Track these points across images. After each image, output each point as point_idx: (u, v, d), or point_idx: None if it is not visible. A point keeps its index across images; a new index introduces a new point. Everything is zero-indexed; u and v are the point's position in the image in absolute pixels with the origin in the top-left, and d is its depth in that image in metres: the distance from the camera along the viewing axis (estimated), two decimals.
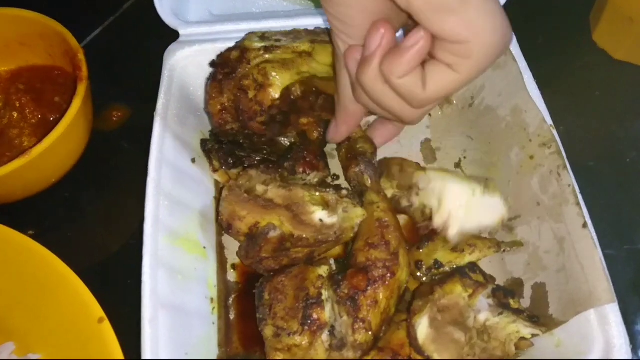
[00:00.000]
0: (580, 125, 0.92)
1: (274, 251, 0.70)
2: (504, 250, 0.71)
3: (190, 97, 0.80)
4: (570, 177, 0.68)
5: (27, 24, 0.81)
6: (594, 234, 0.64)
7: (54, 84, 0.83)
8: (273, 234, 0.68)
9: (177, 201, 0.70)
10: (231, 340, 0.70)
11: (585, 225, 0.64)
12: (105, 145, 0.84)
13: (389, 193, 0.78)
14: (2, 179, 0.68)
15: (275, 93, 0.72)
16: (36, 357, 0.65)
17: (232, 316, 0.72)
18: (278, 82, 0.72)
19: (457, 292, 0.63)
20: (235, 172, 0.75)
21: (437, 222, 0.71)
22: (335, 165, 0.81)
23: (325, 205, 0.70)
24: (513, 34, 0.78)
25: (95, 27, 0.99)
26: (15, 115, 0.81)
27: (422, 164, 0.83)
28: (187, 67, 0.79)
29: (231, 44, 0.79)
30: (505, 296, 0.64)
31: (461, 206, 0.69)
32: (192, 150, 0.77)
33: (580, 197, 0.67)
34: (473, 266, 0.68)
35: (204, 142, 0.76)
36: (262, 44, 0.74)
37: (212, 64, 0.76)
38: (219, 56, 0.76)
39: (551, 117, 0.88)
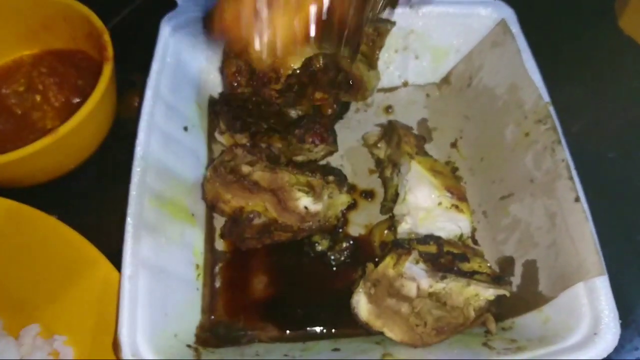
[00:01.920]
0: (605, 114, 0.92)
1: (257, 233, 0.70)
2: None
3: (186, 67, 0.80)
4: (564, 152, 0.67)
5: (50, 7, 0.80)
6: (586, 208, 0.62)
7: (77, 68, 0.83)
8: (257, 221, 0.68)
9: (165, 167, 0.70)
10: (215, 308, 0.70)
11: (577, 199, 0.63)
12: (127, 131, 0.82)
13: (381, 154, 0.77)
14: (29, 158, 0.67)
15: (293, 62, 0.71)
16: (62, 339, 0.64)
17: (217, 284, 0.71)
18: (298, 52, 0.71)
19: (385, 263, 0.61)
20: (241, 136, 0.74)
21: (397, 211, 0.70)
22: (340, 146, 0.80)
23: (311, 190, 0.69)
24: (512, 11, 0.79)
25: (117, 13, 1.00)
26: (39, 99, 0.80)
27: None
28: (183, 36, 0.79)
29: None
30: (454, 260, 0.62)
31: (422, 209, 0.68)
32: (185, 118, 0.77)
33: (574, 171, 0.65)
34: (427, 237, 0.66)
35: (212, 103, 0.76)
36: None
37: None
38: None
39: (575, 104, 0.89)
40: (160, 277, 0.63)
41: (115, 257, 0.65)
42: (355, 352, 0.62)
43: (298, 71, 0.70)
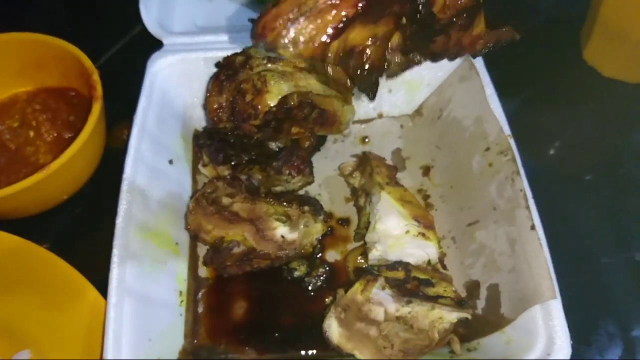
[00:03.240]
0: (575, 140, 0.97)
1: (237, 261, 0.74)
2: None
3: (171, 103, 0.85)
4: (522, 182, 0.71)
5: (43, 47, 0.85)
6: (541, 235, 0.66)
7: (68, 104, 0.88)
8: (237, 250, 0.73)
9: (151, 198, 0.75)
10: (198, 332, 0.73)
11: (532, 227, 0.67)
12: (117, 162, 0.83)
13: (356, 183, 0.82)
14: (22, 192, 0.71)
15: (271, 100, 0.75)
16: None
17: (200, 309, 0.75)
18: (275, 91, 0.76)
19: (353, 289, 0.65)
20: (223, 168, 0.79)
21: (368, 238, 0.75)
22: (318, 175, 0.85)
23: (288, 219, 0.74)
24: None
25: (106, 50, 1.05)
26: (32, 134, 0.85)
27: None
28: (169, 74, 0.84)
29: (212, 54, 0.84)
30: (419, 285, 0.66)
31: (391, 237, 0.72)
32: (170, 152, 0.82)
33: (531, 201, 0.70)
34: (395, 263, 0.70)
35: (196, 137, 0.81)
36: (267, 54, 0.78)
37: (217, 64, 0.81)
38: (224, 58, 0.80)
39: (545, 132, 0.95)
40: (144, 303, 0.67)
41: (103, 286, 0.68)
42: None
43: (274, 108, 0.75)
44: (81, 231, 0.85)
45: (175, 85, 0.85)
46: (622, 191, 0.91)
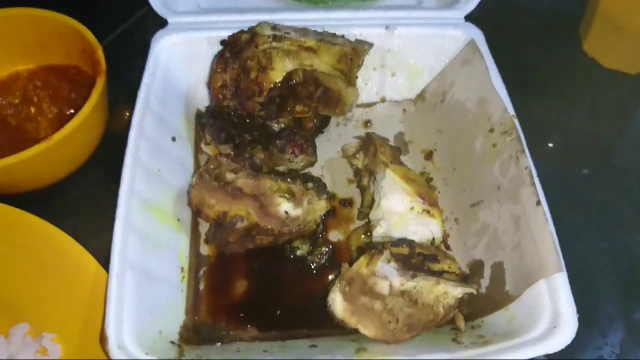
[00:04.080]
0: (574, 131, 0.98)
1: (240, 237, 0.73)
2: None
3: (175, 82, 0.84)
4: (527, 160, 0.71)
5: (46, 24, 0.85)
6: (546, 210, 0.66)
7: (70, 82, 0.87)
8: (240, 225, 0.72)
9: (153, 174, 0.74)
10: (199, 309, 0.73)
11: (538, 203, 0.67)
12: (117, 144, 0.82)
13: (359, 164, 0.82)
14: (22, 163, 0.70)
15: (276, 77, 0.75)
16: (50, 336, 0.67)
17: (201, 287, 0.74)
18: (280, 68, 0.76)
19: (359, 263, 0.65)
20: (225, 147, 0.78)
21: (372, 216, 0.74)
22: (321, 157, 0.85)
23: (292, 196, 0.73)
24: (481, 32, 0.84)
25: (109, 32, 1.04)
26: (33, 110, 0.85)
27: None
28: (172, 53, 0.84)
29: (216, 33, 0.84)
30: (424, 261, 0.66)
31: (395, 214, 0.72)
32: (173, 130, 0.81)
33: (536, 178, 0.70)
34: (400, 240, 0.69)
35: (199, 116, 0.81)
36: (272, 33, 0.78)
37: (222, 42, 0.81)
38: (230, 36, 0.80)
39: (543, 124, 0.95)
40: (146, 278, 0.66)
41: (105, 260, 0.67)
42: (332, 348, 0.65)
43: (279, 84, 0.75)
44: (82, 206, 0.84)
45: (179, 64, 0.85)
46: (619, 180, 0.92)
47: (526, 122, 0.78)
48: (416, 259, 0.66)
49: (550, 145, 0.97)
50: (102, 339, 0.58)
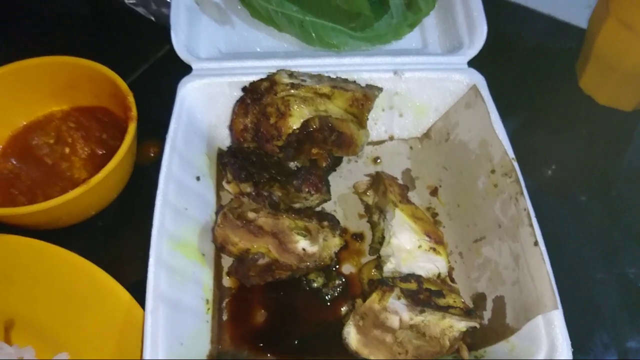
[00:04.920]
0: (571, 163, 1.04)
1: (261, 272, 0.79)
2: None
3: (198, 124, 0.91)
4: (526, 202, 0.77)
5: (76, 69, 0.91)
6: (544, 250, 0.72)
7: (100, 123, 0.94)
8: (261, 261, 0.78)
9: (180, 212, 0.80)
10: (223, 339, 0.78)
11: (536, 244, 0.73)
12: (143, 178, 0.90)
13: (369, 201, 0.88)
14: (63, 205, 0.77)
15: (293, 123, 0.83)
16: None
17: (224, 317, 0.80)
18: (297, 114, 0.83)
19: (371, 299, 0.71)
20: (245, 185, 0.85)
21: (382, 252, 0.80)
22: (333, 193, 0.90)
23: (308, 233, 0.79)
24: (482, 77, 0.91)
25: (132, 71, 1.11)
26: (67, 150, 0.91)
27: None
28: (196, 97, 0.90)
29: (237, 78, 0.91)
30: (431, 296, 0.72)
31: (404, 251, 0.78)
32: (196, 169, 0.87)
33: (534, 219, 0.76)
34: (408, 276, 0.75)
35: (221, 156, 0.87)
36: (290, 81, 0.86)
37: (244, 89, 0.88)
38: (250, 83, 0.87)
39: (542, 156, 1.02)
40: (176, 310, 0.72)
41: (131, 290, 0.74)
42: None
43: (297, 130, 0.81)
44: (108, 242, 0.90)
45: (202, 106, 0.91)
46: (614, 211, 0.97)
47: (522, 152, 0.84)
48: (424, 294, 0.72)
49: (547, 174, 1.03)
50: None
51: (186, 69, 0.93)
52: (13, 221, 0.80)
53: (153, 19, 1.12)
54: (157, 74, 1.12)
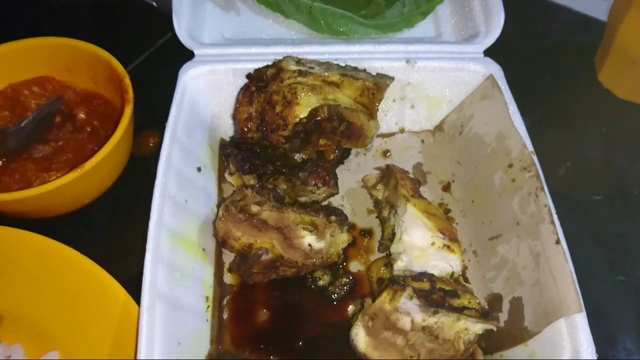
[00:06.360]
0: (588, 160, 1.00)
1: (264, 268, 0.75)
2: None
3: (200, 112, 0.87)
4: (546, 198, 0.73)
5: (73, 52, 0.88)
6: (566, 250, 0.68)
7: (94, 112, 0.90)
8: (265, 257, 0.74)
9: (180, 205, 0.76)
10: (223, 339, 0.74)
11: (558, 242, 0.69)
12: (140, 168, 0.89)
13: (379, 196, 0.84)
14: (54, 191, 0.73)
15: (300, 112, 0.78)
16: None
17: (225, 316, 0.76)
18: (305, 103, 0.78)
19: (382, 299, 0.66)
20: (249, 177, 0.80)
21: (393, 249, 0.76)
22: (341, 187, 0.86)
23: (315, 229, 0.75)
24: (499, 67, 0.86)
25: (133, 59, 1.07)
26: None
27: None
28: (198, 84, 0.86)
29: (241, 65, 0.87)
30: (445, 297, 0.67)
31: (417, 249, 0.74)
32: (197, 160, 0.83)
33: (555, 216, 0.71)
34: (420, 275, 0.71)
35: (223, 146, 0.83)
36: (297, 68, 0.81)
37: (248, 76, 0.83)
38: (255, 70, 0.83)
39: (558, 152, 0.98)
40: (174, 308, 0.68)
41: (128, 285, 0.70)
42: None
43: (304, 120, 0.77)
44: (105, 233, 0.86)
45: (204, 94, 0.87)
46: (634, 209, 0.93)
47: (541, 148, 0.80)
48: (437, 294, 0.68)
49: (565, 171, 0.99)
50: None
51: (188, 58, 0.89)
52: (4, 208, 0.77)
53: (155, 4, 1.08)
54: (158, 62, 1.08)
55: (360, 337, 0.67)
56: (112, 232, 0.87)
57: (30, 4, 1.17)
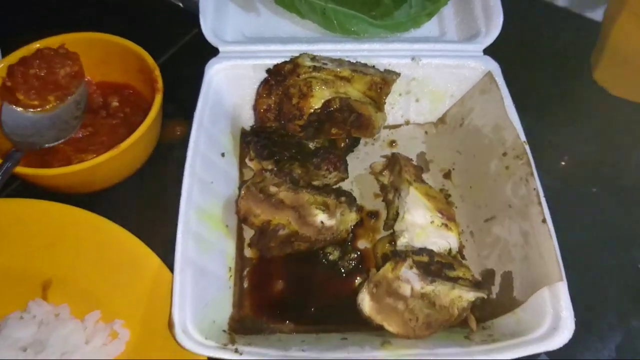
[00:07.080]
0: (583, 154, 1.07)
1: (281, 243, 0.84)
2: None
3: (223, 103, 0.96)
4: (535, 182, 0.81)
5: (109, 46, 0.99)
6: (551, 227, 0.76)
7: (126, 101, 1.01)
8: (282, 232, 0.82)
9: (206, 185, 0.85)
10: (243, 304, 0.83)
11: (544, 221, 0.76)
12: (167, 153, 0.98)
13: (385, 181, 0.92)
14: (94, 168, 0.83)
15: (314, 103, 0.87)
16: (120, 322, 0.77)
17: (245, 285, 0.85)
18: (319, 95, 0.88)
19: (385, 268, 0.75)
20: (267, 162, 0.89)
21: (396, 228, 0.84)
22: (350, 173, 0.95)
23: (326, 208, 0.84)
24: (497, 64, 0.94)
25: (161, 54, 1.15)
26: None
27: None
28: (222, 78, 0.95)
29: (261, 61, 0.95)
30: (442, 268, 0.76)
31: (417, 227, 0.82)
32: (222, 146, 0.92)
33: (543, 198, 0.79)
34: (421, 250, 0.79)
35: (244, 135, 0.92)
36: (312, 64, 0.90)
37: (268, 70, 0.93)
38: (274, 66, 0.92)
39: (556, 147, 1.05)
40: (201, 274, 0.77)
41: (163, 253, 0.79)
42: (360, 341, 0.74)
43: (318, 110, 0.86)
44: (137, 208, 0.95)
45: (227, 87, 0.96)
46: (624, 201, 1.00)
47: (538, 144, 0.87)
48: (435, 266, 0.76)
49: (561, 165, 1.06)
50: (170, 325, 0.69)
51: (211, 54, 0.98)
52: (49, 182, 0.87)
53: (181, 5, 1.17)
54: (184, 58, 1.17)
55: (365, 302, 0.75)
56: (142, 206, 0.96)
57: (79, 4, 1.27)
